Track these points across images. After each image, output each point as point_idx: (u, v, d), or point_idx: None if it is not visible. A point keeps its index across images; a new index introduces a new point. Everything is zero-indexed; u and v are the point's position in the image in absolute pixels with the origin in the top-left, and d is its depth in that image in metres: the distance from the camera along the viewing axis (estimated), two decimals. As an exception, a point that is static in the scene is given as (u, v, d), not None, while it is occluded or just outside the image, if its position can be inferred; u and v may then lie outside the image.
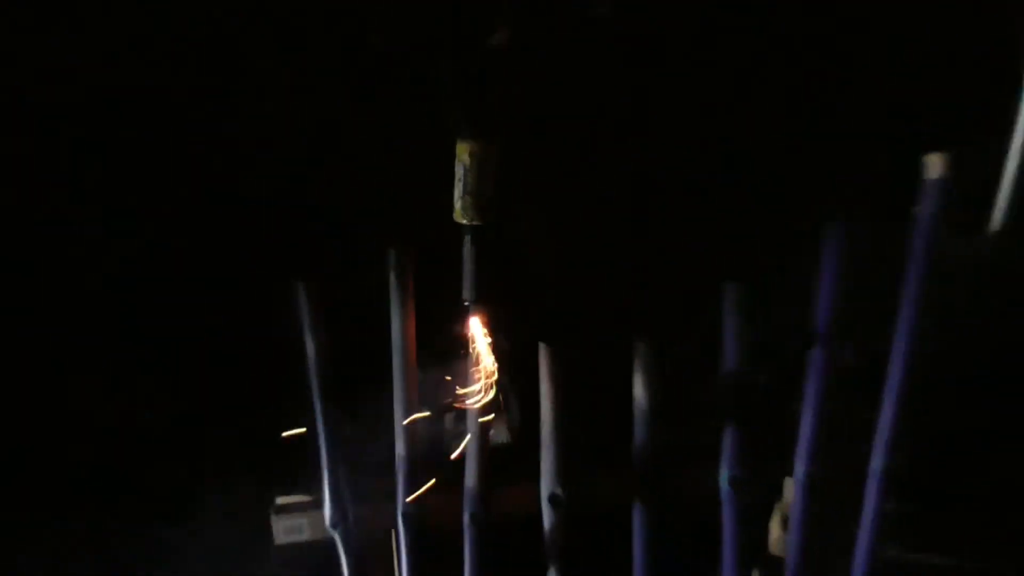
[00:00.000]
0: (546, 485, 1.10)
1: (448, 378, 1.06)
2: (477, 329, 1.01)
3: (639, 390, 1.09)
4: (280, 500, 1.13)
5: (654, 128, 1.19)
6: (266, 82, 1.09)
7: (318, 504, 1.09)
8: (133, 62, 1.14)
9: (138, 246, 1.14)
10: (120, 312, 1.17)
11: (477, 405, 1.05)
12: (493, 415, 1.09)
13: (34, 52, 1.15)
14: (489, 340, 1.02)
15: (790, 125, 1.31)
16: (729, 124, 1.21)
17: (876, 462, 1.19)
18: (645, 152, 1.16)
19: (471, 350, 1.03)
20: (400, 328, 1.02)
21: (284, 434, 1.01)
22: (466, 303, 0.99)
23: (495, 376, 1.04)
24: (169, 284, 1.13)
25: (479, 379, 1.04)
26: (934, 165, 1.11)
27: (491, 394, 1.05)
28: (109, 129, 1.14)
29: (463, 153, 0.93)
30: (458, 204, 0.95)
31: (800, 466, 1.18)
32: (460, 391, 1.03)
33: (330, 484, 1.07)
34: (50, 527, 1.29)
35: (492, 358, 1.03)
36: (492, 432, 1.12)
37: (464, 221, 0.96)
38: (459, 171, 0.94)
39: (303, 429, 1.02)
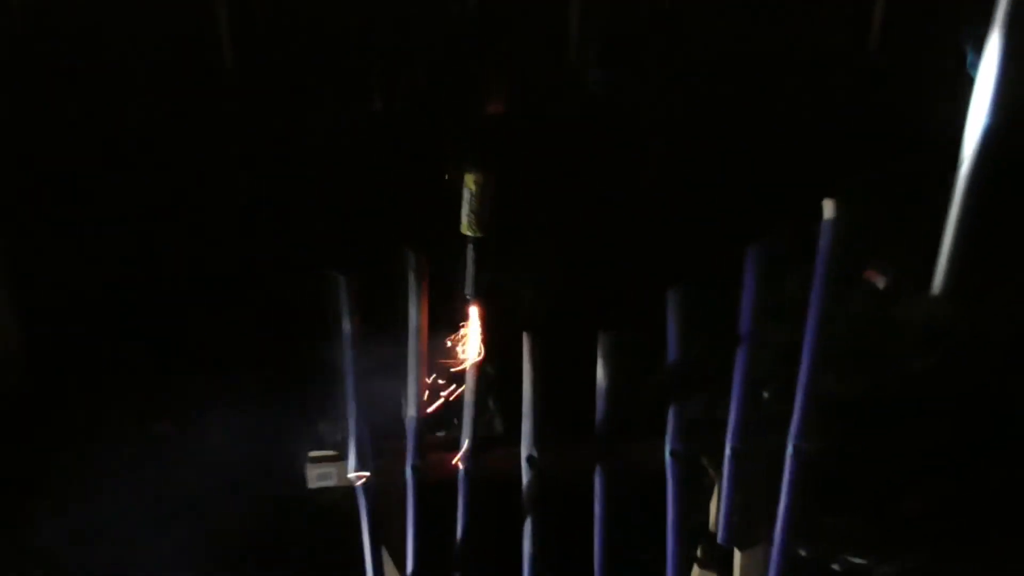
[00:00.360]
0: (525, 448, 1.38)
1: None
2: (474, 320, 1.32)
3: (601, 375, 1.38)
4: (313, 453, 1.41)
5: (620, 174, 1.52)
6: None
7: (344, 457, 1.36)
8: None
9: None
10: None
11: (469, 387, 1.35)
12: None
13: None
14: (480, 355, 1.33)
15: (731, 177, 1.64)
16: (679, 175, 1.54)
17: (791, 444, 1.47)
18: (612, 190, 1.48)
19: (467, 339, 1.34)
20: (415, 315, 1.32)
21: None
22: (467, 297, 1.30)
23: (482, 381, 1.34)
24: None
25: (472, 361, 1.34)
26: (828, 208, 1.42)
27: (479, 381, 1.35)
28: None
29: (469, 182, 1.25)
30: (464, 220, 1.26)
31: (728, 444, 1.46)
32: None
33: (355, 440, 1.35)
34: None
35: (481, 345, 1.34)
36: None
37: (469, 233, 1.27)
38: (466, 195, 1.26)
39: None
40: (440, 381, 1.38)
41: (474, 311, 1.32)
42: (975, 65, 3.44)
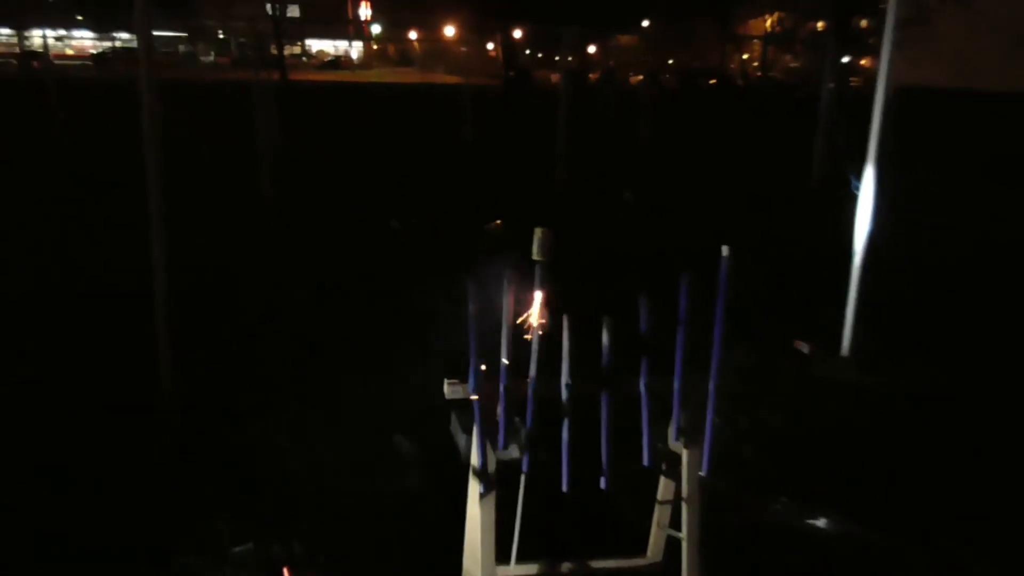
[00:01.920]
0: (564, 377, 2.51)
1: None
2: (538, 302, 2.49)
3: (606, 337, 2.54)
4: (448, 380, 2.52)
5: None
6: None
7: (466, 381, 2.49)
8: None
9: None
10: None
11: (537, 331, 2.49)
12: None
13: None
14: (541, 323, 2.49)
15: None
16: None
17: (712, 383, 2.61)
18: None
19: (534, 314, 2.51)
20: (506, 303, 2.48)
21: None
22: (536, 290, 2.48)
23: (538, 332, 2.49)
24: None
25: (534, 324, 2.50)
26: (725, 251, 2.62)
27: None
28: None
29: (539, 233, 2.46)
30: (535, 250, 2.46)
31: (676, 381, 2.59)
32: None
33: (474, 372, 2.47)
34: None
35: (542, 317, 2.50)
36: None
37: (537, 259, 2.47)
38: (536, 237, 2.46)
39: None
40: (522, 338, 2.53)
41: (538, 298, 2.49)
42: (857, 188, 4.85)
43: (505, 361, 2.48)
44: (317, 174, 11.76)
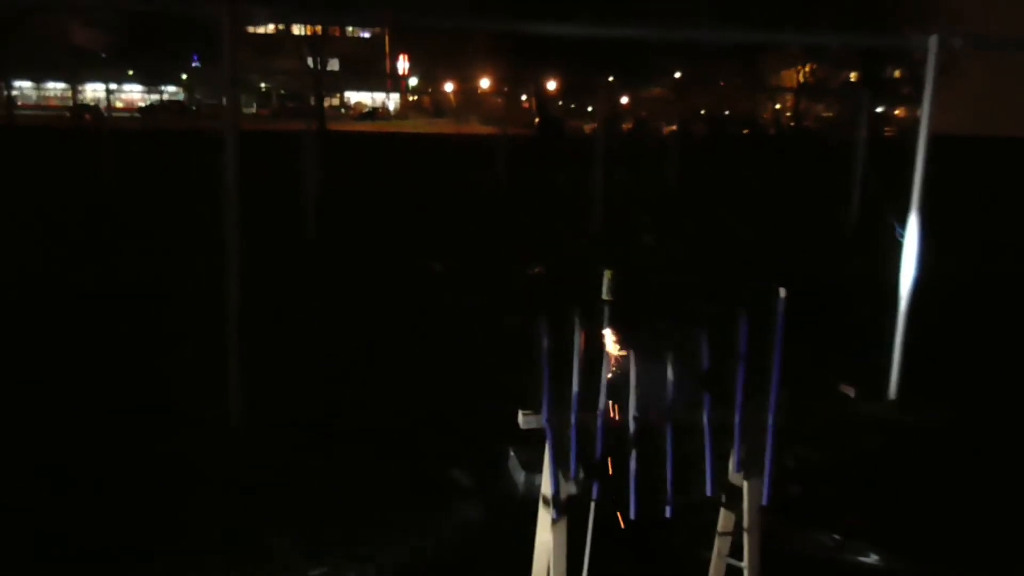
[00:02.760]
0: (632, 410, 2.68)
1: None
2: (610, 337, 2.67)
3: (669, 373, 2.70)
4: (522, 411, 2.70)
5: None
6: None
7: (538, 411, 2.66)
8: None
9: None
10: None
11: (610, 374, 2.67)
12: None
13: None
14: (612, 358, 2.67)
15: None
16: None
17: (770, 418, 2.75)
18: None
19: (607, 348, 2.69)
20: (577, 339, 2.66)
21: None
22: (604, 328, 2.67)
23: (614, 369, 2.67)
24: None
25: (610, 361, 2.67)
26: (782, 293, 2.78)
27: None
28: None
29: (609, 275, 2.66)
30: (604, 291, 2.66)
31: (737, 415, 2.74)
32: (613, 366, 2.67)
33: (547, 404, 2.65)
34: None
35: (612, 355, 2.68)
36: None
37: (606, 299, 2.66)
38: (606, 280, 2.66)
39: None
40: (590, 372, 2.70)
41: (609, 335, 2.68)
42: (901, 235, 4.99)
43: (575, 392, 2.66)
44: (359, 214, 12.19)
